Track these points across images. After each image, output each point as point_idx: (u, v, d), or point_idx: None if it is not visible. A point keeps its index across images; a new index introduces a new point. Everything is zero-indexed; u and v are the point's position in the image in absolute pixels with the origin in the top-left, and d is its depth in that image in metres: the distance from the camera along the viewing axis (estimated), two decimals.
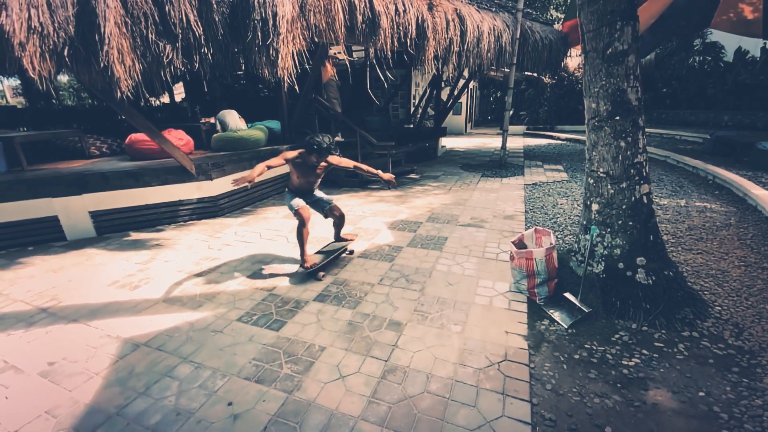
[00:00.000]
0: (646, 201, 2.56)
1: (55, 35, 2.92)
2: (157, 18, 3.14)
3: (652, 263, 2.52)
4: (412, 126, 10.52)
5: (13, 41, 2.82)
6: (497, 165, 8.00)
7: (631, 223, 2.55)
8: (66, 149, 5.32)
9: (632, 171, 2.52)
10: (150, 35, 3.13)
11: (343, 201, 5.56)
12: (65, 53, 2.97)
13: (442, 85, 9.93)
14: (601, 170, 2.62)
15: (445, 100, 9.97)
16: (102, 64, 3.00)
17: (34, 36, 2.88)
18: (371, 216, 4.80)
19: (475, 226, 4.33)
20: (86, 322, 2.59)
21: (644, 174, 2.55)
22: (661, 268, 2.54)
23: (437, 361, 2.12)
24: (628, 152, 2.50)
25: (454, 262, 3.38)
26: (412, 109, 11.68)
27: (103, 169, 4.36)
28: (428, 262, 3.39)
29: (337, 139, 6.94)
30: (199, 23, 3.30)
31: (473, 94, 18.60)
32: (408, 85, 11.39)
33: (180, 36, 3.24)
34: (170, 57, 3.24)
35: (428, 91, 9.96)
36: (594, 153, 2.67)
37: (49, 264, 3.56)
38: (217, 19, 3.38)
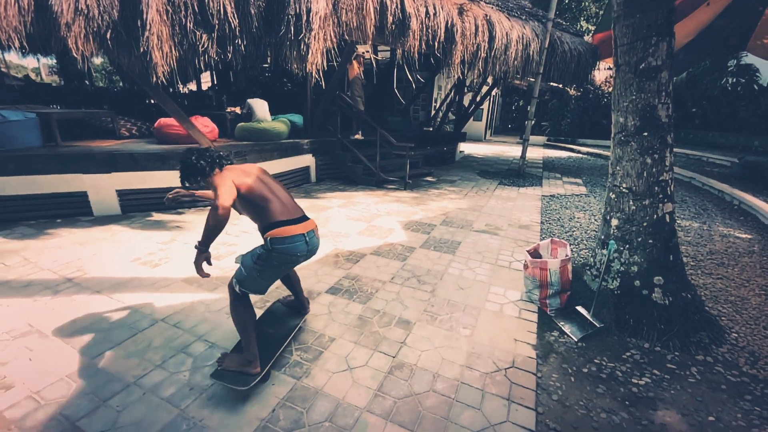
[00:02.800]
0: (668, 220, 2.52)
1: (100, 18, 3.06)
2: (196, 8, 3.25)
3: (670, 284, 2.48)
4: (431, 129, 10.53)
5: (60, 21, 2.96)
6: (515, 174, 7.95)
7: (651, 241, 2.52)
8: (98, 128, 5.52)
9: (656, 188, 2.48)
10: (189, 24, 3.24)
11: (358, 199, 5.61)
12: (108, 36, 3.10)
13: (465, 90, 9.91)
14: (624, 185, 2.60)
15: (466, 105, 9.94)
16: (142, 49, 3.12)
17: (80, 18, 3.01)
18: (386, 215, 4.84)
19: (490, 233, 4.32)
20: (109, 294, 2.69)
21: (669, 192, 2.51)
22: (679, 289, 2.50)
23: (444, 361, 2.14)
24: (654, 169, 2.47)
25: (467, 267, 3.38)
26: (433, 112, 11.68)
27: (133, 150, 4.51)
28: (440, 265, 3.40)
29: (357, 137, 6.98)
30: (236, 15, 3.40)
31: (495, 100, 18.48)
32: (430, 88, 11.40)
33: (216, 26, 3.35)
34: (206, 46, 3.35)
35: (451, 95, 9.94)
36: (618, 168, 2.64)
37: (76, 237, 3.71)
38: (253, 12, 3.48)
